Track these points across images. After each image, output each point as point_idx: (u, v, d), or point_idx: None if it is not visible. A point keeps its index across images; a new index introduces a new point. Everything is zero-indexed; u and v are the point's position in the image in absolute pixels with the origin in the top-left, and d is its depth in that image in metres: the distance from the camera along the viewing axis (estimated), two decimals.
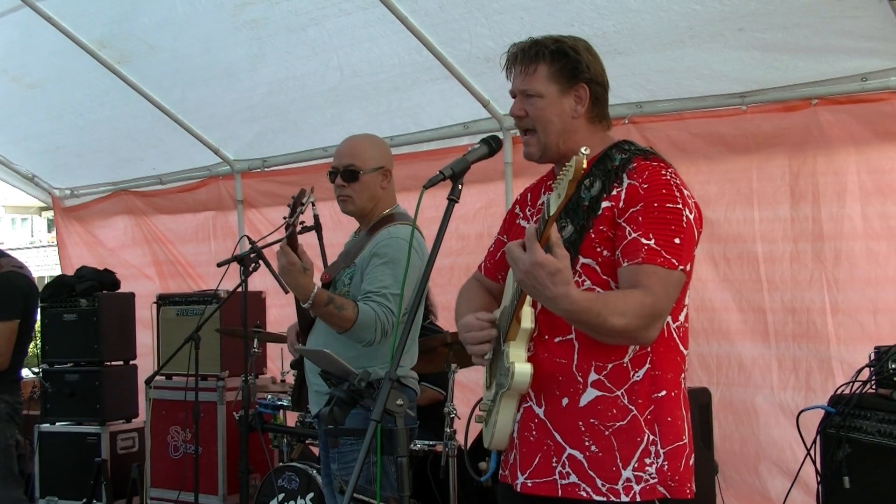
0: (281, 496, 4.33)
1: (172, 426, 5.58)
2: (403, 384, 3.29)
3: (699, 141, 4.64)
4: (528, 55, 2.27)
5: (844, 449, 3.38)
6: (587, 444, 2.14)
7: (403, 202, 3.53)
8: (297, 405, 3.81)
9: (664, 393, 2.16)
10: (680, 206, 2.12)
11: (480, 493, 4.13)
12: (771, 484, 4.44)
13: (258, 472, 5.13)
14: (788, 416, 4.30)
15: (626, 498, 2.10)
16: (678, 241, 2.09)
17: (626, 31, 4.28)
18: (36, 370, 5.92)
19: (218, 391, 5.41)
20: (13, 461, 4.82)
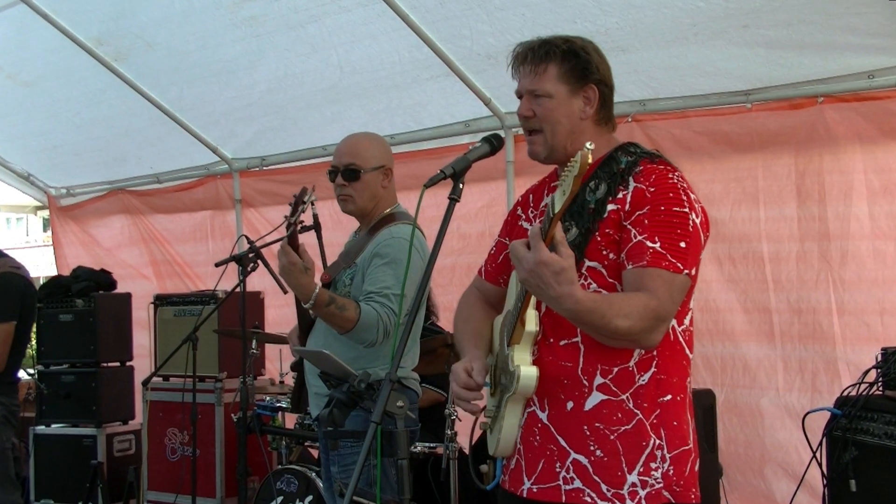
0: (280, 499, 4.33)
1: (170, 428, 5.58)
2: (405, 385, 3.29)
3: (703, 139, 4.63)
4: (537, 55, 2.24)
5: (851, 451, 3.38)
6: (592, 448, 2.13)
7: (404, 201, 3.52)
8: (296, 407, 3.81)
9: (670, 397, 2.16)
10: (686, 209, 2.12)
11: (481, 496, 4.13)
12: (776, 487, 4.43)
13: (256, 474, 5.13)
14: (794, 418, 4.29)
15: (631, 503, 2.10)
16: (684, 244, 2.09)
17: (628, 27, 4.28)
18: (31, 371, 5.91)
19: (216, 393, 5.40)
20: (10, 465, 4.81)
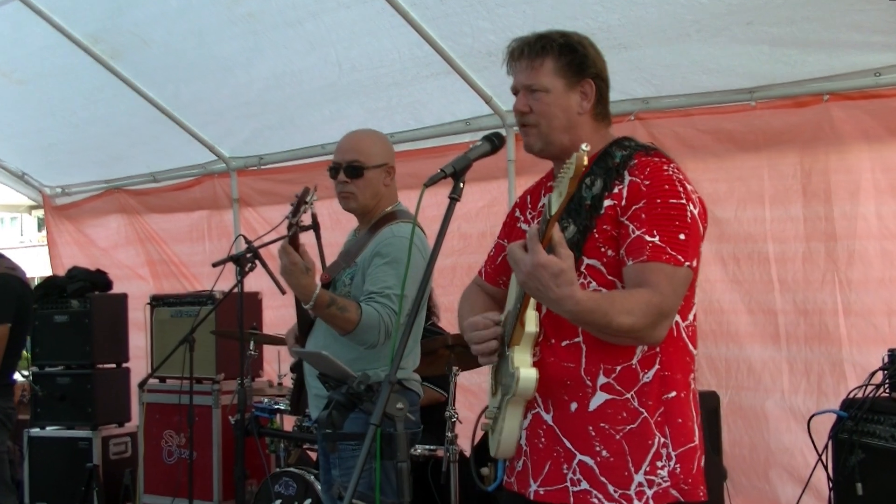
0: (278, 502, 4.33)
1: (166, 430, 5.59)
2: (405, 387, 3.28)
3: (707, 138, 4.63)
4: (534, 49, 2.25)
5: (857, 454, 3.38)
6: (598, 449, 2.14)
7: (404, 201, 3.51)
8: (295, 409, 3.81)
9: (674, 394, 2.16)
10: (683, 201, 2.12)
11: (482, 498, 4.14)
12: (781, 490, 4.43)
13: (254, 477, 5.13)
14: (799, 420, 4.29)
15: (639, 503, 2.10)
16: (683, 236, 2.09)
17: (630, 24, 4.28)
18: (26, 373, 5.92)
19: (213, 394, 5.41)
20: (5, 468, 4.80)
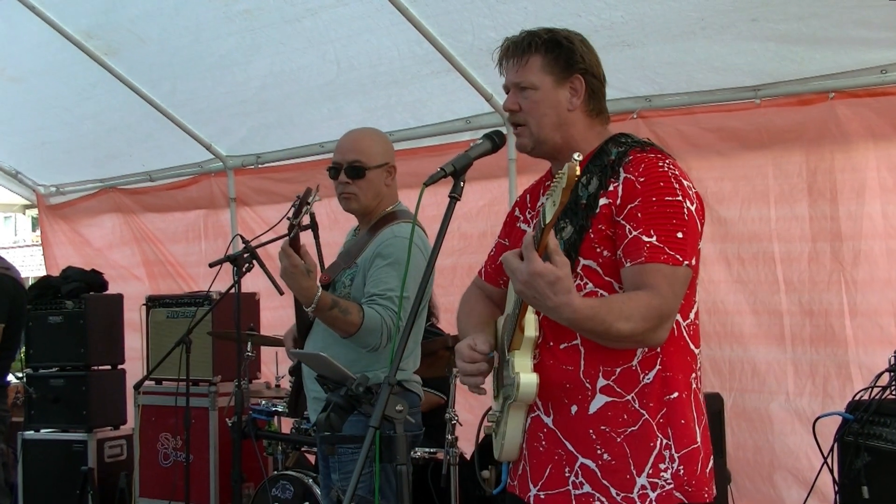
0: None
1: (162, 433, 5.59)
2: (406, 389, 3.28)
3: (711, 136, 4.63)
4: (520, 47, 2.27)
5: (863, 457, 3.38)
6: (599, 452, 2.14)
7: (404, 200, 3.51)
8: (293, 412, 3.81)
9: (676, 395, 2.16)
10: (680, 197, 2.11)
11: (482, 502, 4.14)
12: (786, 494, 4.44)
13: (252, 480, 5.12)
14: (804, 423, 4.30)
15: None
16: (681, 235, 2.08)
17: (634, 21, 4.27)
18: (20, 375, 5.91)
19: (210, 396, 5.41)
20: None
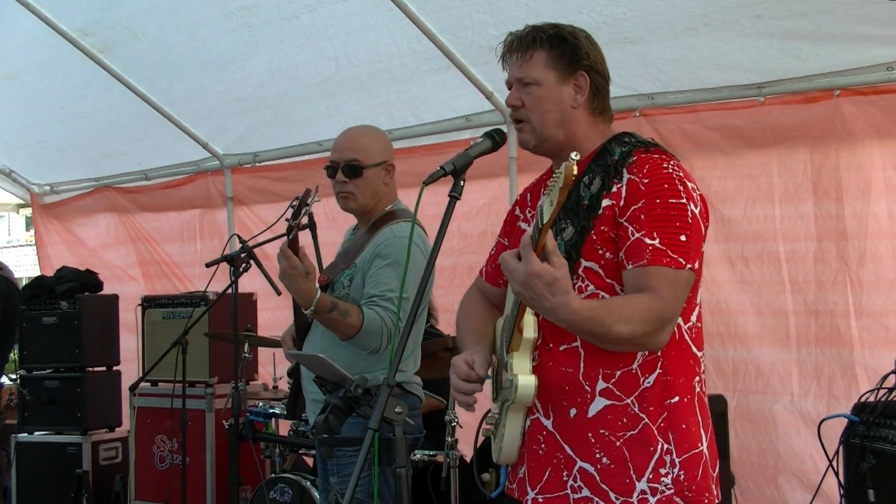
0: None
1: (158, 435, 5.58)
2: (406, 390, 3.28)
3: (714, 134, 4.63)
4: (524, 42, 2.26)
5: (869, 460, 3.38)
6: (598, 456, 2.14)
7: (403, 199, 3.51)
8: (291, 414, 3.81)
9: (677, 399, 2.16)
10: (684, 200, 2.11)
11: None
12: (791, 497, 4.44)
13: (249, 483, 5.12)
14: (809, 424, 4.30)
15: None
16: (684, 238, 2.08)
17: (637, 18, 4.28)
18: (13, 376, 5.91)
19: (206, 398, 5.40)
20: None
